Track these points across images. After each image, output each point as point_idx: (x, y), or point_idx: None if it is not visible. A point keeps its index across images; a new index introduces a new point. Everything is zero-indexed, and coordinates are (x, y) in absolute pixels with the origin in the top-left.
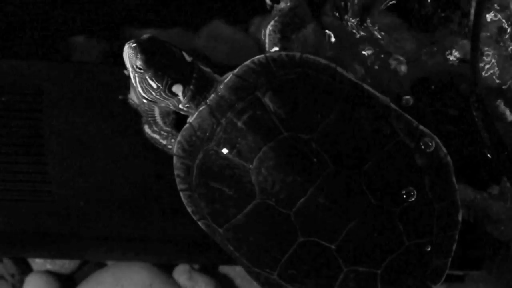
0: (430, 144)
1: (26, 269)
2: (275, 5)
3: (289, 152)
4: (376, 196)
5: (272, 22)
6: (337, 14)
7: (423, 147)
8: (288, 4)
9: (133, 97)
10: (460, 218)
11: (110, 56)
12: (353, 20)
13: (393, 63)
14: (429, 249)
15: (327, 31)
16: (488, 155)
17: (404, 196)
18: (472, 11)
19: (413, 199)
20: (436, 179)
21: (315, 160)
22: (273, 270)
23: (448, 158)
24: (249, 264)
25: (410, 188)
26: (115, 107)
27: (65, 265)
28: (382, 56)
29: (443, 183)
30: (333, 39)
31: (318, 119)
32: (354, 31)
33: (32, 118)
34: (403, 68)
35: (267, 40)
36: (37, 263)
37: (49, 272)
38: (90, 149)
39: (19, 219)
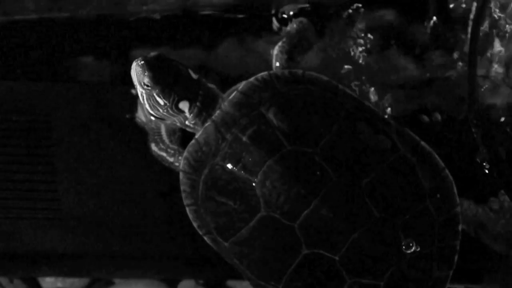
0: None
1: None
2: (283, 27)
3: (293, 166)
4: (378, 208)
5: (279, 43)
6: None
7: (423, 161)
8: (295, 26)
9: (140, 116)
10: (460, 229)
11: (120, 76)
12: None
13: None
14: (412, 250)
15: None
16: (486, 170)
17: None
18: (469, 29)
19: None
20: (437, 193)
21: (318, 173)
22: (278, 283)
23: (447, 171)
24: (255, 278)
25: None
26: (122, 126)
27: (75, 283)
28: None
29: (444, 197)
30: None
31: (321, 133)
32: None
33: (41, 137)
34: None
35: (274, 61)
36: (47, 281)
37: None
38: (98, 168)
39: (28, 238)
